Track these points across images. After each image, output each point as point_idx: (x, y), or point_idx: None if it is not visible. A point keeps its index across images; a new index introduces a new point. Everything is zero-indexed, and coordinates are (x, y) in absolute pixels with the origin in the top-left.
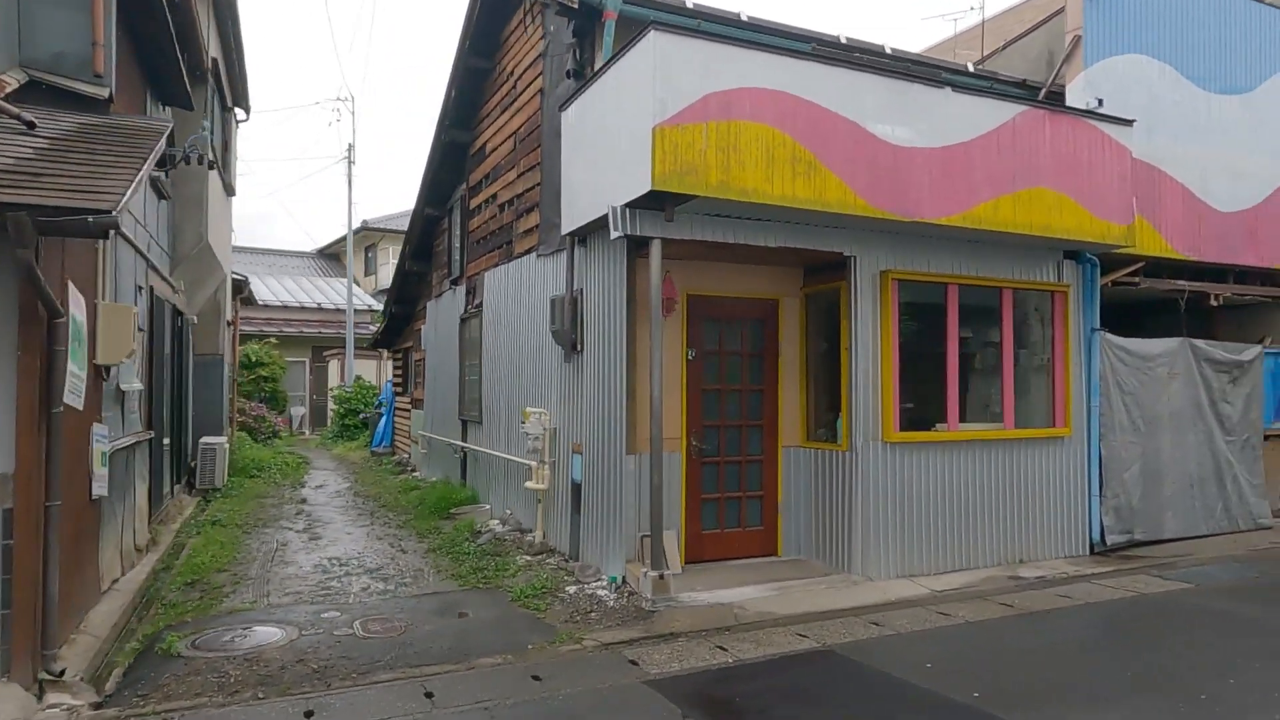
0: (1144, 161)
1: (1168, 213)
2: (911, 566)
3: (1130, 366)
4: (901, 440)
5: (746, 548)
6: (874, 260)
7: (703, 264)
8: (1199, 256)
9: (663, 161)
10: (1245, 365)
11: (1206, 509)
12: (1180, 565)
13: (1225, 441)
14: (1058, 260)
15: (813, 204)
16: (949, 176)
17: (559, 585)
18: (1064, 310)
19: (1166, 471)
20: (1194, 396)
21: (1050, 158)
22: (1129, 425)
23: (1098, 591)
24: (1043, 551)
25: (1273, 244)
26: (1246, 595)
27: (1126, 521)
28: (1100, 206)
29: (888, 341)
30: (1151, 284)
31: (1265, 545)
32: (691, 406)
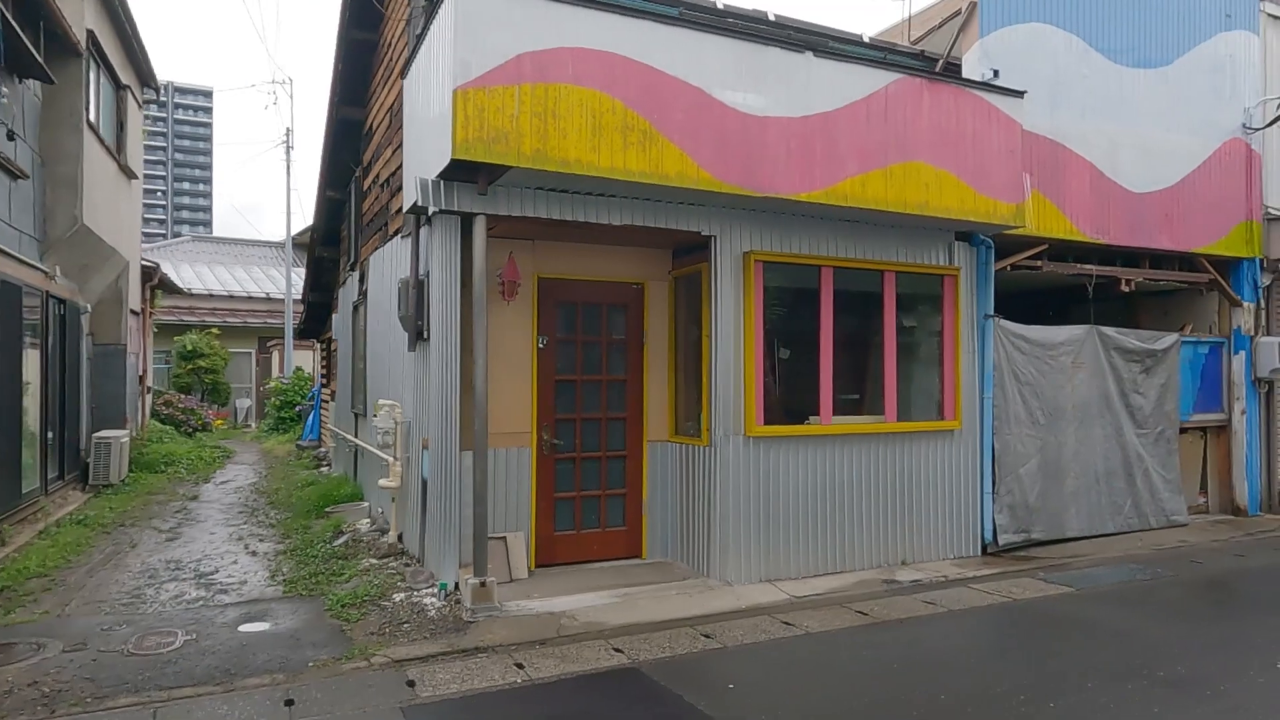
0: (1046, 138)
1: (1073, 193)
2: (777, 570)
3: (1029, 355)
4: (766, 434)
5: (608, 549)
6: (736, 241)
7: (557, 245)
8: (1108, 239)
9: (465, 128)
10: (1159, 354)
11: (1114, 506)
12: (1073, 567)
13: (1136, 435)
14: (948, 242)
15: (648, 177)
16: (810, 149)
17: (388, 592)
18: (954, 295)
19: (1069, 466)
20: (1102, 387)
21: (929, 130)
22: (1027, 417)
23: (969, 597)
24: (929, 553)
25: (1189, 227)
26: (1126, 601)
27: (1022, 520)
28: (986, 183)
29: (750, 328)
30: (1055, 268)
31: (1173, 544)
32: (543, 398)
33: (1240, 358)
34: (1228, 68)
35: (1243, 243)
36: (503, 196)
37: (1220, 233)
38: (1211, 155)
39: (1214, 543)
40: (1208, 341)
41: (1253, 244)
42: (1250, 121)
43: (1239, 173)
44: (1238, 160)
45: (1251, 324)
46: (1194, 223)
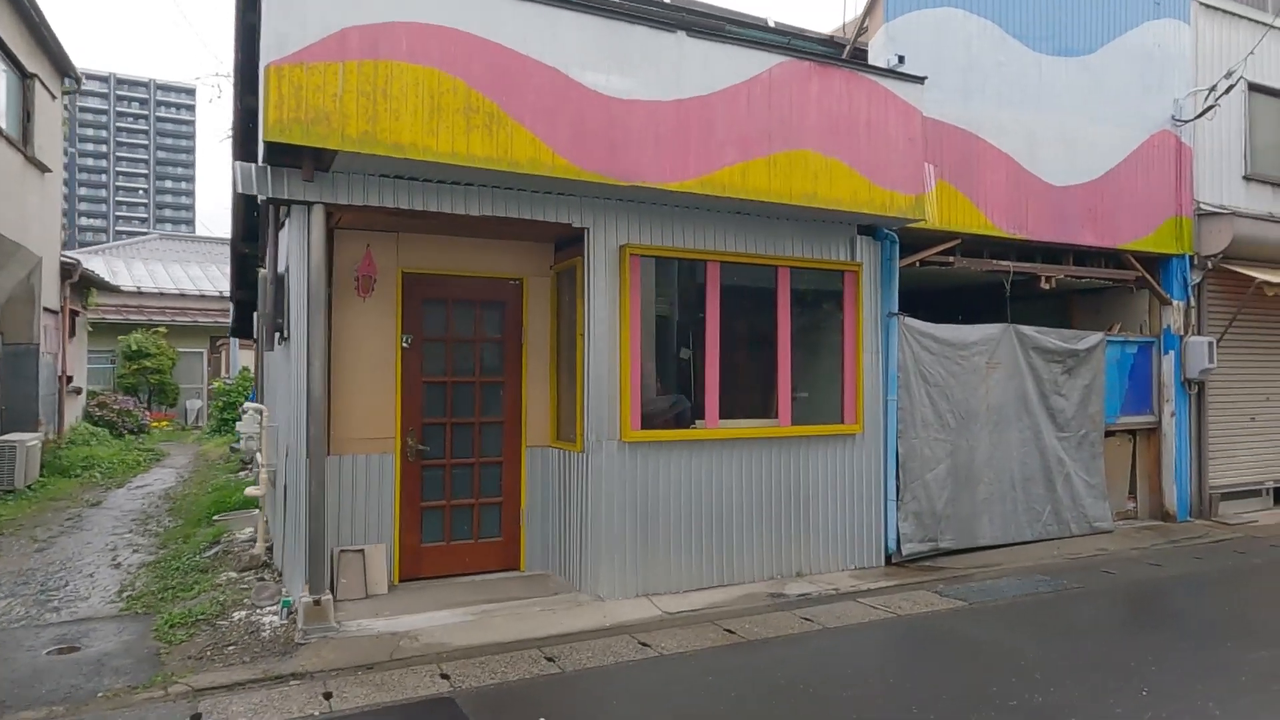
0: (959, 128)
1: (988, 185)
2: (656, 584)
3: (938, 356)
4: (643, 440)
5: (482, 561)
6: (612, 233)
7: (425, 238)
8: (1027, 234)
9: (279, 108)
10: (1082, 355)
11: (1031, 513)
12: (976, 578)
13: (1057, 438)
14: (850, 236)
15: (495, 163)
16: (683, 136)
17: (229, 610)
18: (855, 292)
19: (982, 472)
20: (1019, 388)
21: (818, 117)
22: (935, 420)
23: (852, 613)
24: (827, 564)
25: (1115, 222)
26: (1016, 617)
27: (929, 528)
28: (883, 174)
29: (626, 327)
30: (968, 264)
31: (1090, 553)
32: (409, 401)
33: (1170, 358)
34: (1156, 57)
35: (1172, 239)
36: (343, 184)
37: (1148, 228)
38: (1139, 148)
39: (1134, 551)
40: (1137, 341)
41: (1183, 240)
42: (1180, 113)
43: (1168, 166)
44: (1167, 153)
45: (1181, 323)
46: (1120, 218)
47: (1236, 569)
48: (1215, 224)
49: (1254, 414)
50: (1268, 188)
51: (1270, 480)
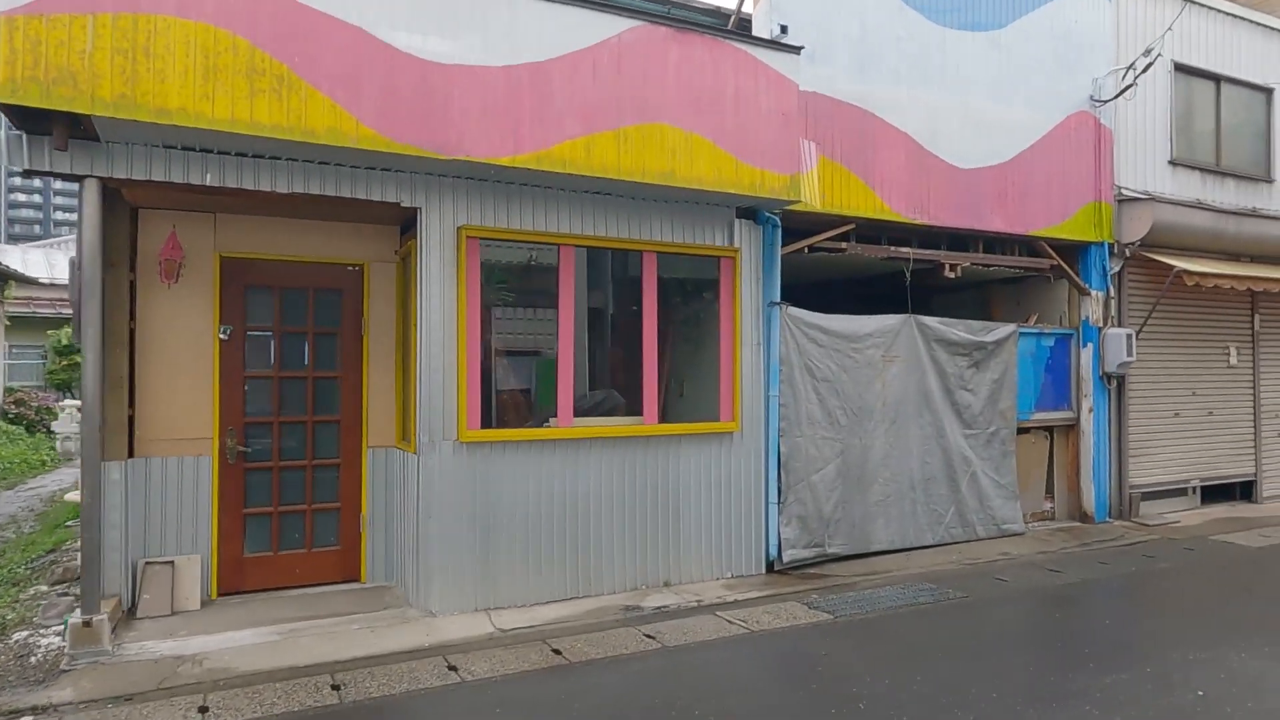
0: (852, 105)
1: (885, 167)
2: (499, 597)
3: (827, 348)
4: (483, 440)
5: (317, 573)
6: (448, 213)
7: (248, 219)
8: (928, 220)
9: (12, 64)
10: (990, 347)
11: (933, 515)
12: (859, 587)
13: (964, 435)
14: (728, 220)
15: (286, 132)
16: (515, 106)
17: (10, 629)
18: (733, 280)
19: (877, 472)
20: (920, 383)
21: (677, 89)
22: (823, 418)
23: (704, 629)
24: (699, 572)
25: (1028, 208)
26: (879, 632)
27: (816, 533)
28: (752, 151)
29: (463, 317)
30: (863, 250)
31: (992, 557)
32: (229, 398)
33: (1088, 351)
34: (1074, 34)
35: (1091, 225)
36: (120, 155)
37: (1064, 214)
38: (1054, 129)
39: (1039, 555)
40: (1054, 333)
41: (1102, 227)
42: (1100, 94)
43: (1087, 149)
44: (1085, 136)
45: (1100, 314)
46: (1033, 203)
47: (1138, 575)
48: (1135, 210)
49: (1178, 410)
50: (1195, 173)
51: (1196, 479)
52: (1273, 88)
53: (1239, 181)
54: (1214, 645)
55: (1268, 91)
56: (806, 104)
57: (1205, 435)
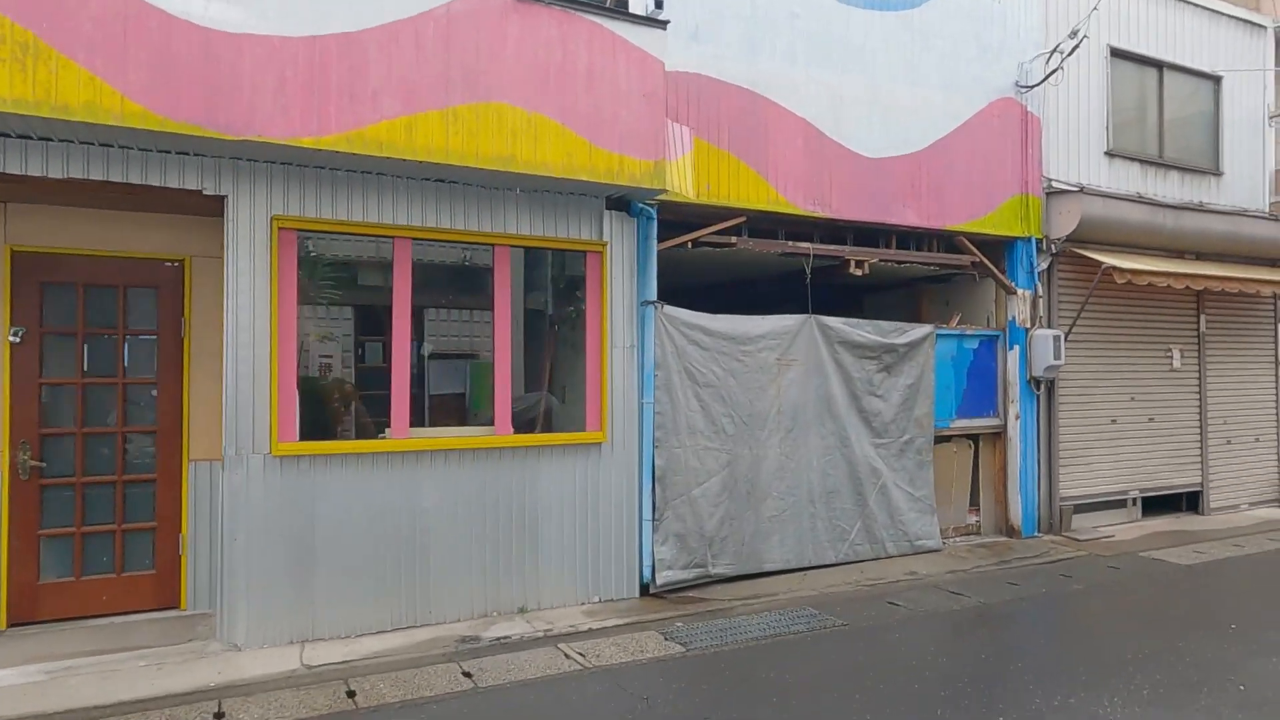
0: (741, 88)
1: (780, 155)
2: (317, 628)
3: (711, 351)
4: (300, 452)
5: (129, 599)
6: (261, 202)
7: (45, 208)
8: (831, 212)
9: None
10: (903, 350)
11: (836, 532)
12: (737, 612)
13: (873, 445)
14: (597, 211)
15: (32, 108)
16: (321, 81)
17: None
18: (600, 277)
19: (771, 485)
20: (823, 389)
21: (518, 65)
22: (707, 427)
23: (534, 665)
24: (561, 596)
25: (945, 200)
26: (729, 670)
27: (697, 552)
28: (609, 135)
29: (275, 317)
30: (755, 245)
31: (897, 577)
32: (20, 407)
33: (1015, 353)
34: (998, 15)
35: (1017, 220)
36: None
37: (987, 208)
38: (975, 117)
39: (948, 575)
40: (978, 335)
41: (1029, 221)
42: (1026, 79)
43: (1012, 138)
44: (1011, 124)
45: (1028, 315)
46: (951, 195)
47: (1046, 598)
48: (1064, 203)
49: (1115, 416)
50: (1134, 164)
51: (1136, 490)
52: (1221, 76)
53: (1184, 174)
54: (1089, 687)
55: (1215, 80)
56: (686, 86)
57: (1146, 443)
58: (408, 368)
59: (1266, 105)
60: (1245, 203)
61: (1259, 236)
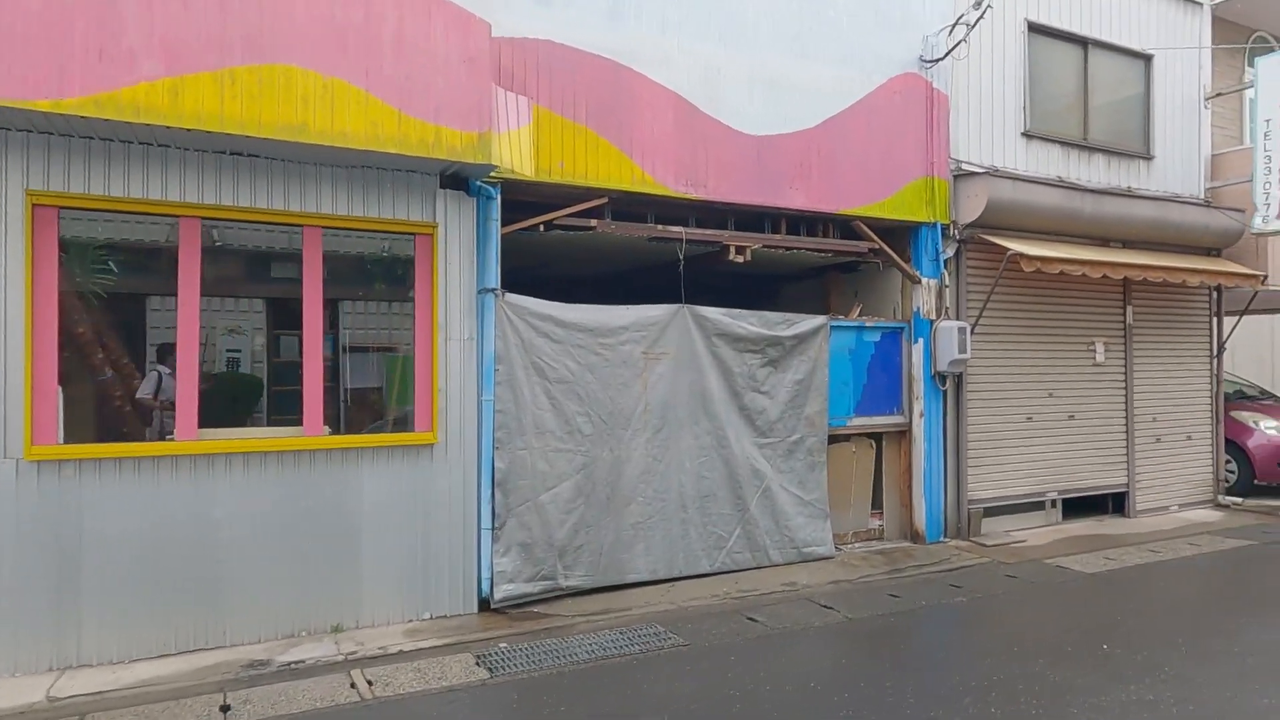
0: (601, 57)
1: (648, 132)
2: (83, 653)
3: (564, 344)
4: (62, 456)
5: None
6: (14, 175)
7: None
8: (707, 194)
9: None
10: (790, 343)
11: (712, 539)
12: (576, 630)
13: (756, 445)
14: (431, 189)
15: None
16: (64, 36)
17: None
18: (430, 262)
19: (635, 489)
20: (698, 385)
21: (311, 24)
22: (559, 426)
23: (309, 696)
24: (385, 612)
25: (839, 182)
26: (529, 699)
27: (545, 563)
28: (422, 103)
29: (30, 302)
30: (619, 228)
31: (773, 588)
32: None
33: (919, 347)
34: None
35: (921, 204)
36: None
37: (887, 190)
38: (874, 93)
39: (830, 586)
40: (880, 327)
41: (934, 206)
42: (931, 53)
43: (916, 117)
44: (915, 101)
45: (933, 305)
46: (847, 177)
47: (924, 613)
48: (971, 186)
49: (1031, 414)
50: (1055, 147)
51: (1054, 491)
52: (1152, 55)
53: (1111, 158)
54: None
55: (1146, 58)
56: (535, 54)
57: (1065, 442)
58: (197, 362)
59: (1203, 86)
60: (1179, 188)
61: (1189, 223)
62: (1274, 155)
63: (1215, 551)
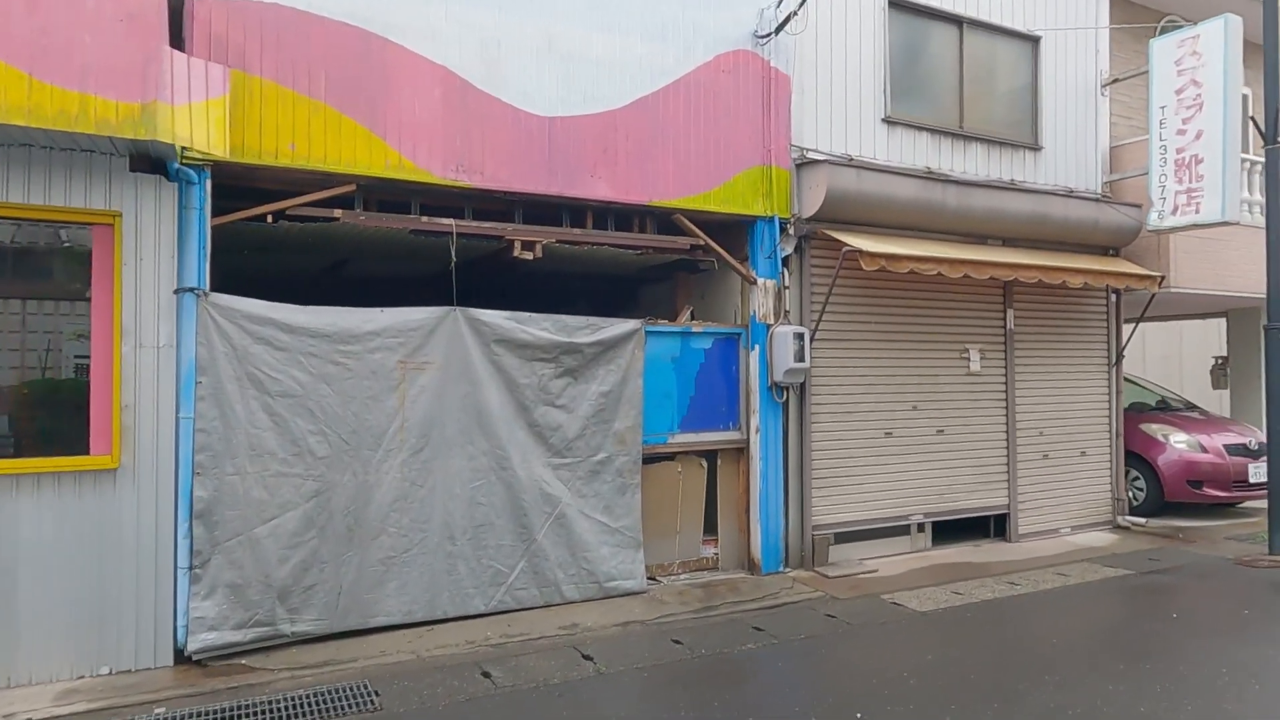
0: (349, 25)
1: (408, 111)
2: None
3: (292, 352)
4: None
5: None
6: None
7: None
8: (485, 182)
9: None
10: (591, 351)
11: (489, 574)
12: (274, 687)
13: (550, 467)
14: (120, 170)
15: None
16: None
17: None
18: (112, 256)
19: (387, 519)
20: (473, 398)
21: None
22: (284, 448)
23: None
24: (47, 668)
25: (653, 170)
26: None
27: (261, 607)
28: (64, 68)
29: None
30: (370, 219)
31: (544, 633)
32: None
33: (756, 355)
34: None
35: (756, 195)
36: None
37: (714, 180)
38: (697, 70)
39: (616, 630)
40: (712, 333)
41: (773, 198)
42: (766, 27)
43: (750, 98)
44: (749, 82)
45: (770, 308)
46: (663, 165)
47: (696, 666)
48: (812, 176)
49: (891, 428)
50: (924, 135)
51: (920, 514)
52: (1039, 36)
53: (991, 147)
54: None
55: (1033, 40)
56: (258, 18)
57: (934, 459)
58: None
59: (1100, 71)
60: (1073, 182)
61: (1074, 219)
62: (1169, 145)
63: (1081, 584)
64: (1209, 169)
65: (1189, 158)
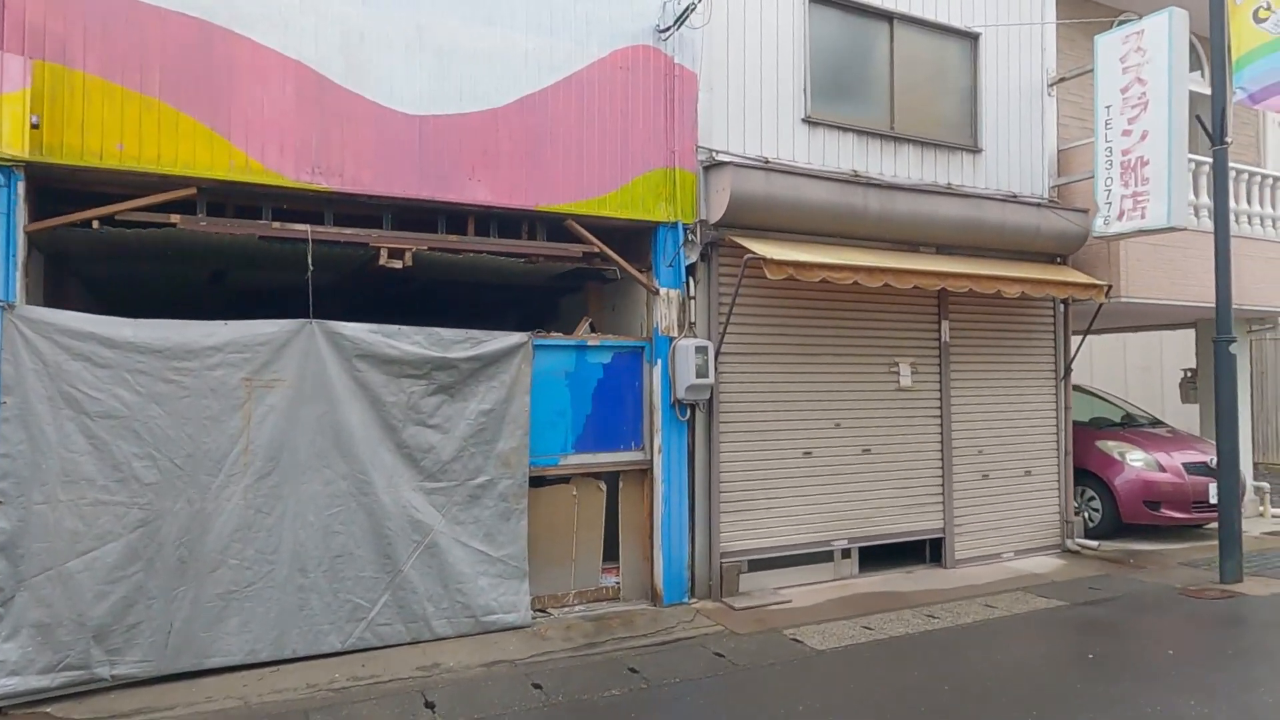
0: (183, 15)
1: (256, 109)
2: None
3: (117, 369)
4: None
5: None
6: None
7: None
8: (344, 186)
9: None
10: (469, 367)
11: (345, 609)
12: None
13: (421, 490)
14: None
15: None
16: None
17: None
18: None
19: (228, 550)
20: (330, 418)
21: None
22: (105, 474)
23: None
24: None
25: (540, 174)
26: None
27: (75, 648)
28: None
29: None
30: (214, 224)
31: (397, 675)
32: None
33: (658, 370)
34: None
35: (658, 200)
36: None
37: (611, 183)
38: (591, 66)
39: (481, 670)
40: (612, 346)
41: (677, 202)
42: (666, 21)
43: (651, 97)
44: (649, 78)
45: (673, 320)
46: (551, 167)
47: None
48: (717, 179)
49: (811, 448)
50: (849, 136)
51: (844, 539)
52: (978, 33)
53: (925, 150)
54: None
55: (972, 37)
56: (80, 7)
57: (859, 481)
58: None
59: (1046, 70)
60: (1017, 185)
61: (1013, 225)
62: (1115, 147)
63: (1007, 616)
64: (1154, 171)
65: (1135, 159)
